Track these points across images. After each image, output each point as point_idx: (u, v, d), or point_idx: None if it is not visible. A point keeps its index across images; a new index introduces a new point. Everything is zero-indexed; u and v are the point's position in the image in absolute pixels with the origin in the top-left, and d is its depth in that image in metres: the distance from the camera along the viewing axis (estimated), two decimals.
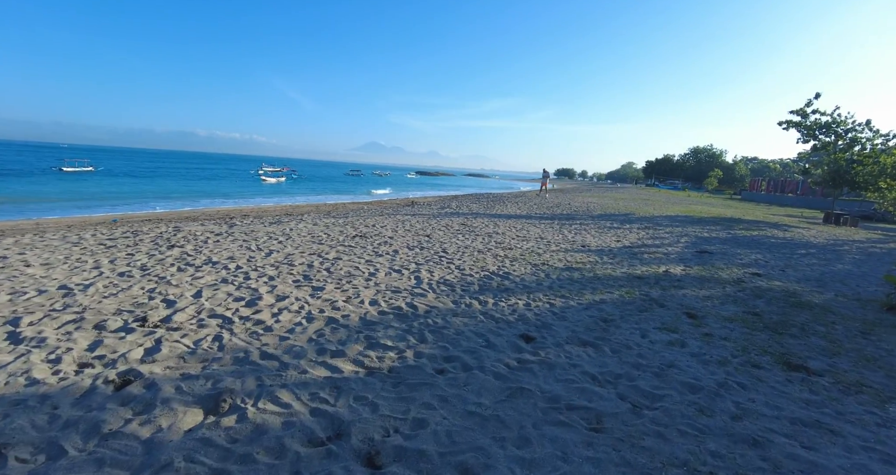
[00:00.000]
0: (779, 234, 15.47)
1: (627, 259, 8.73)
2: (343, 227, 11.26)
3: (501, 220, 15.04)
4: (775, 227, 17.99)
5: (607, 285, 6.36)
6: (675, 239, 12.42)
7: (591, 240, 11.07)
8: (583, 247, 10.04)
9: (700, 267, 8.34)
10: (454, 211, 17.98)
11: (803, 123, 23.53)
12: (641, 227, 14.99)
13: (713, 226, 16.66)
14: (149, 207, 20.22)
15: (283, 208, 20.91)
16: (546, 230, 12.70)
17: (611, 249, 9.88)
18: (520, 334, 4.19)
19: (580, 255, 8.82)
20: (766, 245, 12.31)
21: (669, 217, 19.53)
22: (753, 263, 9.20)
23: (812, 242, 13.67)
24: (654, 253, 9.70)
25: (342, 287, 5.54)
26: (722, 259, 9.46)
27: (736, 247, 11.56)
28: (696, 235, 13.46)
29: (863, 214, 29.74)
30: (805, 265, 9.46)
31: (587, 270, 7.32)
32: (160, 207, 20.24)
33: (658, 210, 23.47)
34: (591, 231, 13.03)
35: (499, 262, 7.61)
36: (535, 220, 15.68)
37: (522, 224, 13.94)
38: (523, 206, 21.95)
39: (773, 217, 24.72)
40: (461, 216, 15.66)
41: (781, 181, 55.09)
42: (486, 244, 9.62)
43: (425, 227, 12.07)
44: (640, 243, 11.14)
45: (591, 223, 15.37)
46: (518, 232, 11.99)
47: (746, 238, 13.50)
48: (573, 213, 18.88)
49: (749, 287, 6.83)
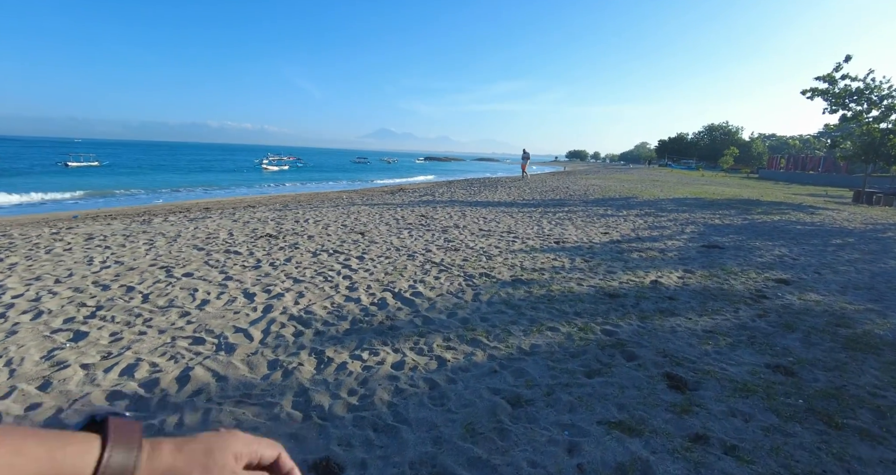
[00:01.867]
0: (805, 218, 13.08)
1: (608, 262, 6.57)
2: (265, 223, 9.24)
3: (477, 208, 12.89)
4: (800, 209, 15.55)
5: (557, 314, 4.24)
6: (678, 228, 10.17)
7: (572, 234, 8.90)
8: (556, 243, 7.88)
9: (705, 271, 6.16)
10: (432, 199, 15.85)
11: (831, 91, 20.74)
12: (641, 213, 12.72)
13: (727, 210, 14.29)
14: (136, 201, 19.28)
15: (254, 199, 18.97)
16: (521, 221, 10.53)
17: (591, 246, 7.71)
18: (320, 458, 2.12)
19: (544, 258, 6.67)
20: (790, 233, 10.02)
21: (676, 200, 17.14)
22: (777, 262, 6.97)
23: (847, 228, 11.31)
24: (647, 250, 7.51)
25: (119, 335, 3.52)
26: (735, 257, 7.24)
27: (754, 237, 9.29)
28: (706, 223, 11.17)
29: (891, 191, 26.84)
30: (846, 262, 7.20)
31: (540, 285, 5.17)
32: (140, 201, 19.33)
33: (665, 192, 21.03)
34: (578, 220, 10.83)
35: (421, 274, 5.52)
36: (518, 207, 13.49)
37: (497, 213, 11.78)
38: (513, 191, 19.72)
39: (796, 197, 22.12)
40: (432, 204, 13.54)
41: (802, 158, 51.72)
42: (430, 243, 7.52)
43: (372, 220, 10.00)
44: (633, 236, 8.93)
45: (582, 210, 13.14)
46: (485, 224, 9.85)
47: (766, 225, 11.18)
48: (566, 199, 16.61)
49: (774, 307, 4.66)
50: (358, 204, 13.68)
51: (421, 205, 13.51)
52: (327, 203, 14.38)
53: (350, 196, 18.97)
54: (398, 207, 12.69)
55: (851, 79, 20.18)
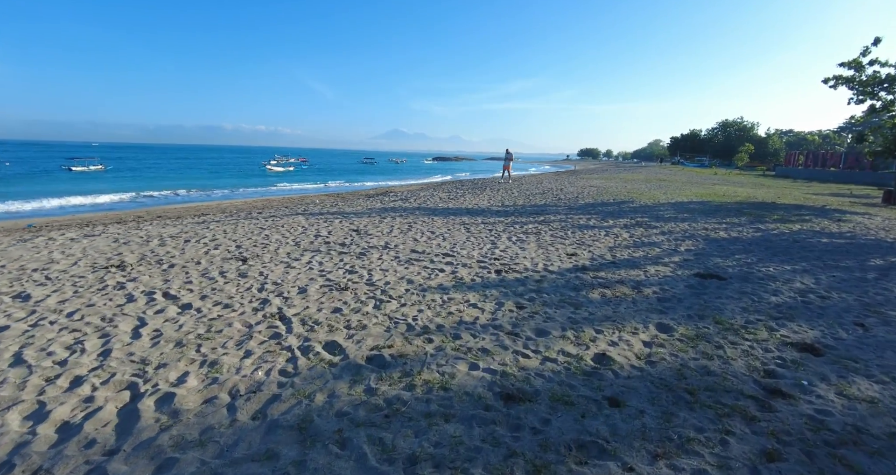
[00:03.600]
0: (831, 226, 10.85)
1: (550, 308, 4.56)
2: (144, 243, 7.38)
3: (435, 218, 10.91)
4: (823, 214, 13.27)
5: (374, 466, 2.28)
6: (671, 245, 8.08)
7: (528, 257, 6.88)
8: (498, 273, 5.88)
9: (689, 328, 4.12)
10: (398, 205, 13.95)
11: (857, 78, 18.32)
12: (631, 223, 10.62)
13: (736, 217, 12.10)
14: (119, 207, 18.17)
15: (207, 206, 17.23)
16: (477, 236, 8.54)
17: (542, 279, 5.69)
18: None
19: (460, 302, 4.68)
20: (814, 250, 7.87)
21: (678, 205, 14.94)
22: (800, 304, 4.88)
23: (886, 241, 9.10)
24: (617, 285, 5.48)
25: None
26: (739, 295, 5.17)
27: (767, 257, 7.17)
28: (708, 236, 9.05)
29: None
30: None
31: (403, 373, 3.14)
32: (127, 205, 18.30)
33: (669, 194, 18.80)
34: (547, 235, 8.80)
35: (219, 351, 3.59)
36: (487, 216, 11.48)
37: (454, 225, 9.80)
38: (498, 195, 17.70)
39: (817, 197, 19.71)
40: (390, 213, 11.60)
41: (822, 154, 48.58)
42: (321, 276, 5.59)
43: (285, 238, 8.10)
44: (607, 259, 6.89)
45: (561, 219, 11.08)
46: (426, 242, 7.88)
47: (784, 238, 9.02)
48: (550, 204, 14.53)
49: (796, 426, 2.62)
50: (300, 214, 11.79)
51: (375, 214, 11.58)
52: (271, 211, 12.53)
53: (322, 200, 17.12)
54: (343, 217, 10.78)
55: (881, 64, 17.75)
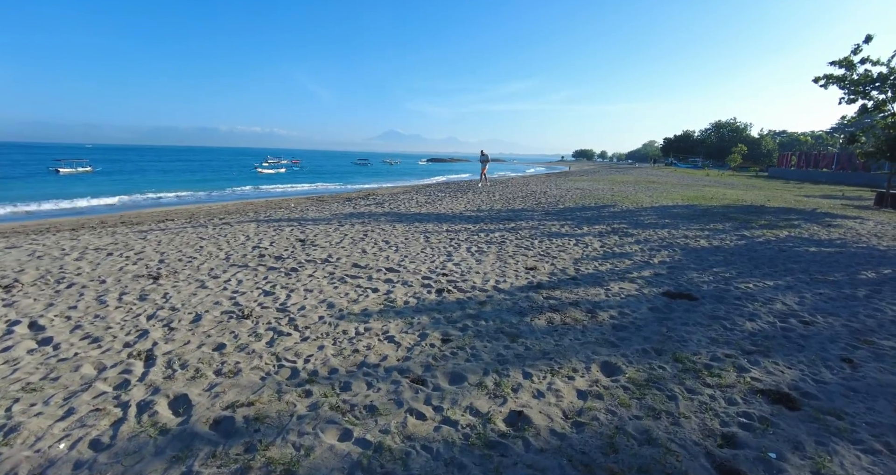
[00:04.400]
0: (821, 232, 10.17)
1: (483, 341, 3.82)
2: (49, 258, 6.60)
3: (397, 225, 10.15)
4: (813, 218, 12.61)
5: None
6: (643, 257, 7.36)
7: (480, 271, 6.14)
8: (440, 292, 5.14)
9: (640, 369, 3.38)
10: (367, 211, 13.19)
11: (848, 77, 17.70)
12: (606, 230, 9.90)
13: (721, 222, 11.40)
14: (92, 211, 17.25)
15: (201, 208, 16.30)
16: (433, 246, 7.79)
17: (487, 300, 4.95)
18: None
19: (377, 331, 3.94)
20: (801, 261, 7.16)
21: (662, 208, 14.25)
22: (778, 335, 4.16)
23: (878, 249, 8.42)
24: (570, 308, 4.74)
25: None
26: (709, 320, 4.44)
27: (748, 270, 6.45)
28: (687, 245, 8.33)
29: None
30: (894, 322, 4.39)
31: (236, 459, 2.44)
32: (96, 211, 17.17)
33: (655, 197, 18.11)
34: (510, 245, 8.06)
35: None
36: (454, 222, 10.73)
37: (413, 234, 9.04)
38: (476, 199, 16.97)
39: (808, 200, 19.10)
40: (357, 219, 10.83)
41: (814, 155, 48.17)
42: (229, 300, 4.84)
43: (220, 249, 7.33)
44: (568, 274, 6.15)
45: (532, 226, 10.35)
46: (375, 254, 7.13)
47: (769, 246, 8.31)
48: (526, 209, 13.80)
49: None
50: (258, 220, 10.99)
51: (337, 220, 10.80)
52: (231, 217, 11.72)
53: (296, 204, 16.28)
54: (300, 225, 10.00)
55: (873, 62, 17.14)
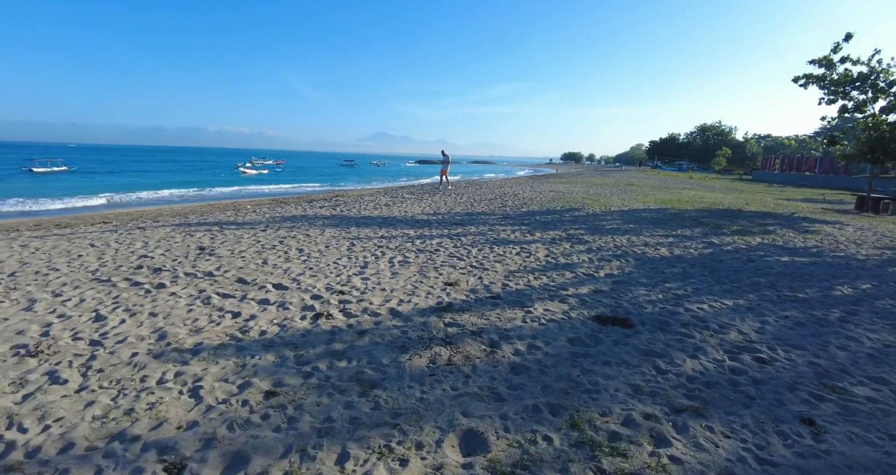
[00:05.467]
0: (796, 239, 9.31)
1: (324, 395, 2.78)
2: None
3: (337, 229, 9.10)
4: (790, 223, 11.78)
5: None
6: (590, 268, 6.37)
7: (388, 288, 5.11)
8: (315, 319, 4.10)
9: (511, 445, 2.35)
10: (320, 214, 12.10)
11: (828, 77, 17.02)
12: (560, 236, 8.93)
13: (691, 227, 10.51)
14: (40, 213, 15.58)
15: (156, 210, 14.95)
16: (357, 255, 6.76)
17: (365, 330, 3.91)
18: None
19: (141, 404, 2.91)
20: (770, 275, 6.24)
21: (631, 212, 13.35)
22: (724, 383, 3.15)
23: (857, 259, 7.54)
24: (467, 340, 3.72)
25: None
26: (638, 363, 3.44)
27: (706, 289, 5.49)
28: (643, 254, 7.37)
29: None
30: (871, 357, 3.43)
31: None
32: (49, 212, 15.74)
33: (628, 200, 17.25)
34: (444, 254, 7.04)
35: None
36: (402, 226, 9.69)
37: (344, 239, 7.99)
38: (438, 201, 15.98)
39: (787, 203, 18.40)
40: (296, 222, 9.75)
41: (797, 158, 47.98)
42: (38, 331, 3.76)
43: (101, 260, 6.23)
44: (491, 291, 5.14)
45: (482, 231, 9.35)
46: (276, 265, 6.08)
47: (736, 256, 7.39)
48: (485, 212, 12.81)
49: None
50: (188, 224, 9.85)
51: (270, 224, 9.70)
52: (168, 220, 10.55)
53: (254, 206, 15.10)
54: (234, 229, 8.89)
55: (853, 62, 16.46)
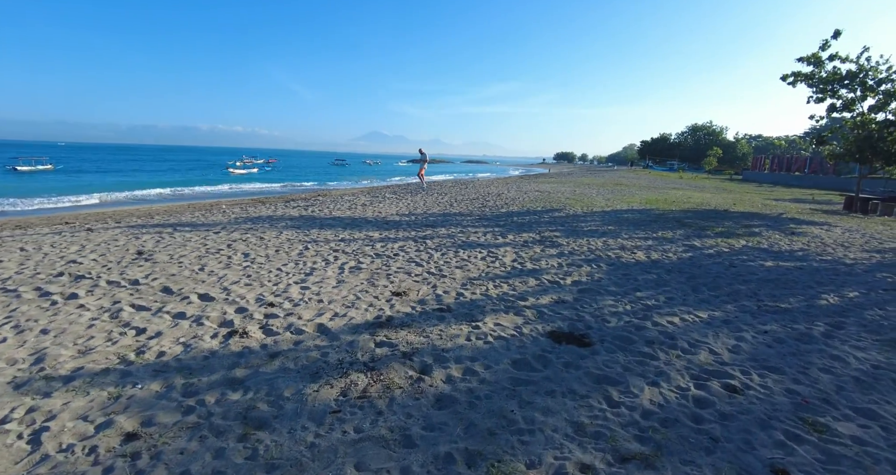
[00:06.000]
0: (782, 241, 8.87)
1: (172, 455, 2.24)
2: None
3: (297, 231, 8.54)
4: (777, 225, 11.37)
5: None
6: (559, 273, 5.87)
7: (326, 299, 4.57)
8: (228, 337, 3.56)
9: None
10: (289, 215, 11.52)
11: (816, 75, 16.67)
12: (534, 239, 8.42)
13: (673, 229, 10.05)
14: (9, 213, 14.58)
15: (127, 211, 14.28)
16: (307, 259, 6.21)
17: (278, 353, 3.36)
18: None
19: None
20: (752, 282, 5.76)
21: (613, 213, 12.89)
22: (683, 419, 2.65)
23: (845, 263, 7.10)
24: (393, 365, 3.18)
25: None
26: (586, 393, 2.91)
27: (680, 298, 4.99)
28: (618, 259, 6.88)
29: (890, 197, 22.53)
30: (857, 383, 2.94)
31: None
32: None
33: (612, 200, 16.81)
34: (404, 259, 6.51)
35: None
36: (368, 228, 9.14)
37: (299, 242, 7.44)
38: (416, 201, 15.45)
39: (776, 204, 18.06)
40: (260, 224, 9.17)
41: (787, 158, 47.97)
42: None
43: (22, 267, 5.64)
44: (442, 302, 4.61)
45: (450, 234, 8.83)
46: (211, 273, 5.52)
47: (718, 261, 6.91)
48: (462, 213, 12.30)
49: None
50: (145, 226, 9.23)
51: (232, 225, 9.12)
52: (131, 220, 9.92)
53: (229, 206, 14.50)
54: (190, 231, 8.29)
55: (842, 59, 16.11)
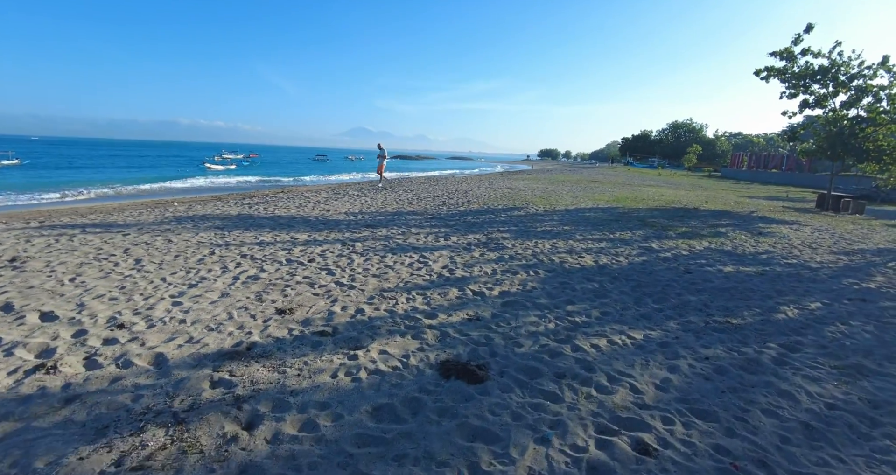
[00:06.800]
0: (747, 243, 8.26)
1: None
2: None
3: (215, 232, 7.63)
4: (745, 224, 10.81)
5: None
6: (488, 282, 5.10)
7: (187, 322, 3.73)
8: (38, 371, 2.72)
9: None
10: (228, 214, 10.57)
11: (789, 69, 16.22)
12: (479, 240, 7.66)
13: (633, 229, 9.39)
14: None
15: (49, 210, 13.02)
16: (194, 271, 5.34)
17: (73, 397, 2.54)
18: None
19: None
20: (707, 291, 5.07)
21: (575, 211, 12.22)
22: None
23: (810, 266, 6.48)
24: (209, 415, 2.37)
25: None
26: (449, 454, 2.15)
27: (618, 313, 4.24)
28: (561, 264, 6.15)
29: (862, 194, 22.36)
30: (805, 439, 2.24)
31: None
32: None
33: (579, 198, 16.17)
34: (314, 266, 5.70)
35: None
36: (300, 228, 8.28)
37: (207, 246, 6.56)
38: (376, 198, 14.60)
39: (749, 201, 17.65)
40: (183, 223, 8.23)
41: (764, 155, 48.23)
42: None
43: None
44: (331, 323, 3.80)
45: (387, 236, 8.02)
46: (70, 284, 4.64)
47: (673, 266, 6.22)
48: (414, 212, 11.49)
49: None
50: (48, 226, 8.22)
51: (168, 223, 8.15)
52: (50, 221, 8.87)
53: (183, 203, 13.40)
54: (84, 231, 7.30)
55: (814, 54, 15.66)
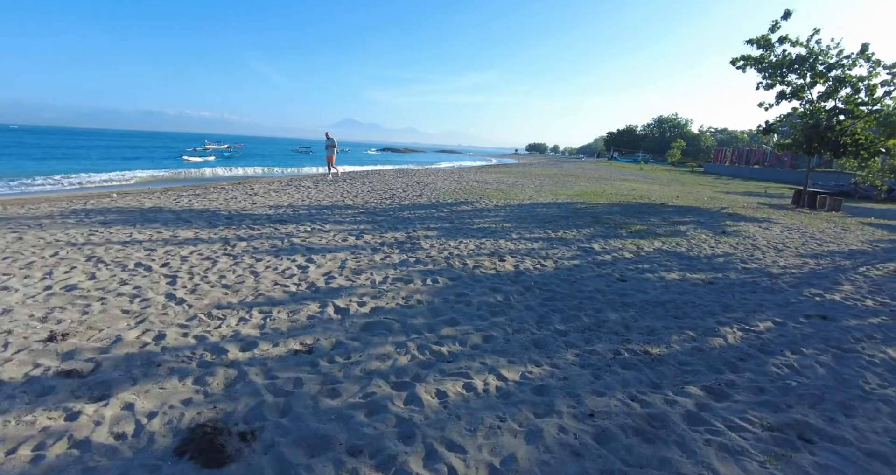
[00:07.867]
0: (705, 244, 7.32)
1: None
2: None
3: (118, 227, 6.49)
4: (711, 222, 9.91)
5: None
6: (361, 298, 4.06)
7: None
8: None
9: None
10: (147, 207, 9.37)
11: (766, 58, 15.36)
12: (396, 239, 6.60)
13: (581, 227, 8.41)
14: None
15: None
16: (29, 280, 4.26)
17: None
18: None
19: None
20: (635, 306, 4.06)
21: (527, 206, 11.22)
22: None
23: (770, 274, 5.56)
24: None
25: None
26: None
27: (503, 340, 3.16)
28: (471, 270, 5.10)
29: (840, 191, 21.68)
30: None
31: None
32: None
33: (542, 192, 15.19)
34: (148, 279, 4.61)
35: None
36: (191, 224, 7.16)
37: (83, 245, 5.45)
38: (323, 191, 13.48)
39: (724, 197, 16.84)
40: (91, 216, 7.07)
41: (747, 151, 47.88)
42: None
43: None
44: (72, 367, 2.71)
45: (288, 234, 6.92)
46: None
47: (605, 273, 5.21)
48: (351, 206, 10.38)
49: None
50: None
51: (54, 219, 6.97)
52: None
53: (116, 194, 12.09)
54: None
55: (791, 43, 14.80)
